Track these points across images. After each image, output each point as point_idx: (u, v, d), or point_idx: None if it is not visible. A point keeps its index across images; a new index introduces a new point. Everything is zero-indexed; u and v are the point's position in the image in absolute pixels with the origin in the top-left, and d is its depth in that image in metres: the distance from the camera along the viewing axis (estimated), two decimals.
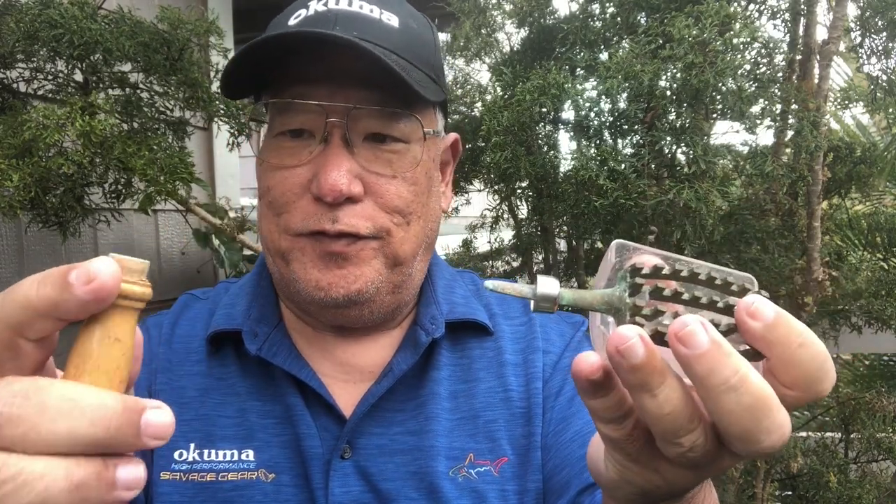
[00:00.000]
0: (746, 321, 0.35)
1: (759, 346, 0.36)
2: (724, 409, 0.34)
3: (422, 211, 0.72)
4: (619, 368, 0.35)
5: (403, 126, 0.69)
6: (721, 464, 0.39)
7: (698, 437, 0.36)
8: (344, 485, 0.68)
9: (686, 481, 0.40)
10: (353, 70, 0.66)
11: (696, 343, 0.33)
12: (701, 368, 0.33)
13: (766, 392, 0.34)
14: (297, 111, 0.68)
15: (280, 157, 0.69)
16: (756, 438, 0.34)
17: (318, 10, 0.68)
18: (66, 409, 0.31)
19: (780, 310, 0.35)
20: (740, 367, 0.33)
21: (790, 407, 0.36)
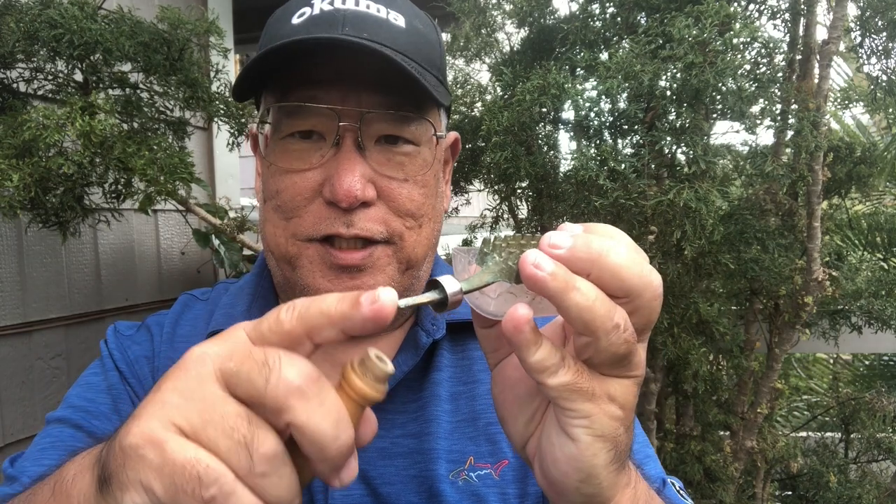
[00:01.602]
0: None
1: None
2: (616, 263, 0.40)
3: (431, 213, 0.72)
4: (543, 283, 0.39)
5: (415, 129, 0.69)
6: (639, 356, 0.44)
7: (622, 313, 0.41)
8: (344, 489, 0.68)
9: (630, 398, 0.44)
10: (364, 72, 0.65)
11: (560, 241, 0.40)
12: (578, 254, 0.40)
13: (632, 245, 0.43)
14: (307, 114, 0.66)
15: (289, 160, 0.68)
16: (646, 280, 0.42)
17: (325, 10, 0.67)
18: (333, 409, 0.37)
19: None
20: (603, 238, 0.42)
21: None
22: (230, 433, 0.35)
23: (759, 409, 1.78)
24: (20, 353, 1.74)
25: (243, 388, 0.36)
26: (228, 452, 0.35)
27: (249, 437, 0.36)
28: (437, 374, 0.74)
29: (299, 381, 0.36)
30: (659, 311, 0.44)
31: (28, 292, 1.75)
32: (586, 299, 0.39)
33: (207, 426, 0.36)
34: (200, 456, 0.35)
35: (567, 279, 0.39)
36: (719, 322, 1.70)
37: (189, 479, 0.35)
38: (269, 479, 0.36)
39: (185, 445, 0.35)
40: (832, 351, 2.05)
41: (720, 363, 1.90)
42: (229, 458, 0.35)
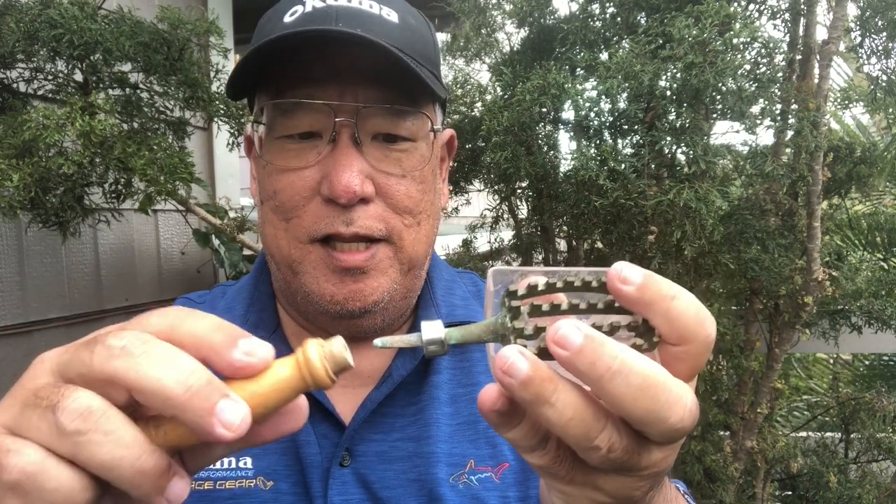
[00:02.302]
0: (620, 288, 0.36)
1: (637, 309, 0.37)
2: (618, 395, 0.34)
3: (430, 209, 0.71)
4: (511, 389, 0.35)
5: (411, 124, 0.68)
6: (651, 458, 0.38)
7: (612, 435, 0.36)
8: (343, 493, 0.67)
9: (630, 489, 0.40)
10: (360, 67, 0.65)
11: (571, 342, 0.34)
12: (583, 364, 0.34)
13: (653, 369, 0.35)
14: (303, 111, 0.65)
15: (286, 159, 0.67)
16: (660, 416, 0.35)
17: (317, 7, 0.66)
18: (165, 358, 0.34)
19: (647, 271, 0.37)
20: (618, 352, 0.34)
21: (688, 370, 0.37)
22: (37, 403, 0.33)
23: (759, 409, 1.78)
24: (20, 353, 1.74)
25: (74, 370, 0.35)
26: (35, 425, 0.33)
27: (56, 399, 0.33)
28: (436, 376, 0.74)
29: (123, 342, 0.34)
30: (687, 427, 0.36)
31: (28, 292, 1.75)
32: (560, 417, 0.35)
33: (24, 411, 0.34)
34: (5, 440, 0.33)
35: (540, 392, 0.35)
36: (719, 322, 1.70)
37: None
38: (91, 437, 0.33)
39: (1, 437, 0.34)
40: (832, 351, 2.05)
41: (720, 363, 1.90)
42: (37, 431, 0.33)
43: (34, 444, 0.33)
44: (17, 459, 0.32)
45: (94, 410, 0.33)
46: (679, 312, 0.36)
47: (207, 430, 0.34)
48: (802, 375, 3.20)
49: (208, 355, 0.36)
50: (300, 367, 0.37)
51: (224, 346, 0.36)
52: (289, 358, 0.38)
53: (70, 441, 0.33)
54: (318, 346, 0.38)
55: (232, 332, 0.37)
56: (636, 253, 1.60)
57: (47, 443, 0.33)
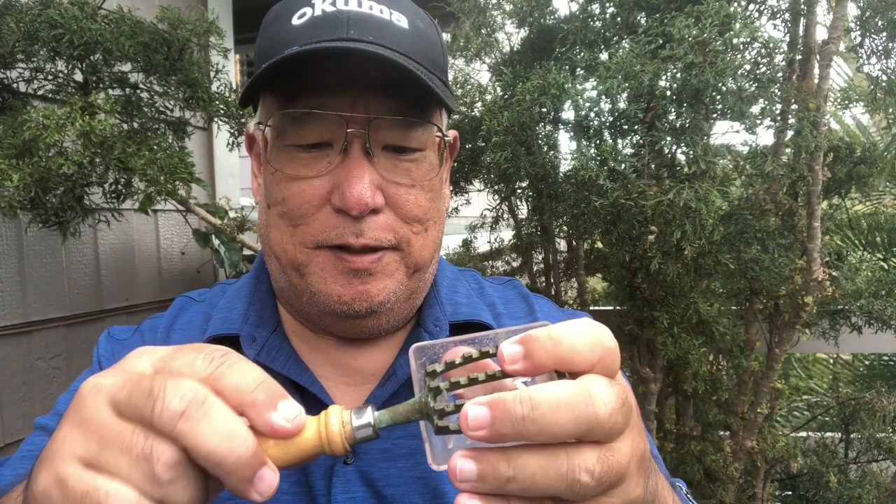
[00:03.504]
0: (510, 370, 0.39)
1: (537, 373, 0.39)
2: (547, 424, 0.36)
3: (436, 216, 0.72)
4: (477, 490, 0.38)
5: (421, 134, 0.68)
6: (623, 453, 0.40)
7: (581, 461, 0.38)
8: (347, 490, 0.67)
9: (632, 492, 0.41)
10: (372, 78, 0.65)
11: (480, 420, 0.37)
12: (503, 426, 0.37)
13: (556, 389, 0.37)
14: (314, 121, 0.65)
15: (296, 168, 0.66)
16: (589, 417, 0.37)
17: (327, 11, 0.65)
18: (221, 427, 0.37)
19: (526, 336, 0.39)
20: (519, 395, 0.37)
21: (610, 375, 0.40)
22: (128, 450, 0.36)
23: (759, 409, 1.78)
24: (20, 353, 1.74)
25: (134, 417, 0.37)
26: (129, 469, 0.36)
27: (148, 450, 0.36)
28: None
29: (182, 406, 0.37)
30: (625, 414, 0.39)
31: (28, 292, 1.75)
32: (530, 478, 0.37)
33: (105, 450, 0.37)
34: (99, 483, 0.36)
35: (497, 476, 0.38)
36: (719, 322, 1.70)
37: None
38: (176, 486, 0.37)
39: (84, 476, 0.36)
40: (832, 351, 2.05)
41: (720, 363, 1.90)
42: (130, 475, 0.36)
43: (132, 487, 0.36)
44: (120, 501, 0.36)
45: (179, 462, 0.37)
46: (570, 351, 0.39)
47: (243, 493, 0.38)
48: (802, 375, 3.20)
49: (248, 412, 0.39)
50: (321, 435, 0.41)
51: (265, 407, 0.39)
52: (311, 422, 0.41)
53: (162, 489, 0.36)
54: (339, 414, 0.41)
55: (274, 393, 0.39)
56: (636, 253, 1.60)
57: (142, 488, 0.36)
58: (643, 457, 0.42)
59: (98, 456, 0.37)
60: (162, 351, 0.41)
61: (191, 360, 0.40)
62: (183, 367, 0.40)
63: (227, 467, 0.37)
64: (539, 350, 0.39)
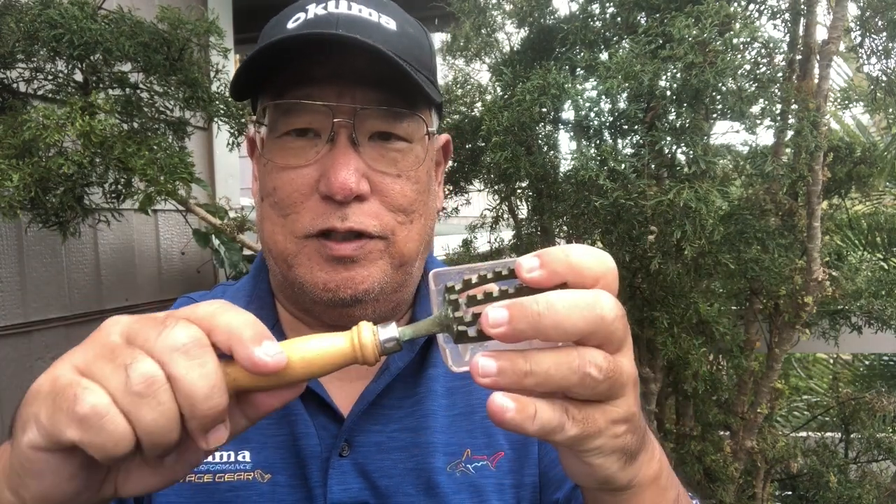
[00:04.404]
0: (529, 278, 0.42)
1: (552, 284, 0.42)
2: (559, 322, 0.40)
3: (423, 209, 0.74)
4: (497, 385, 0.41)
5: (407, 126, 0.71)
6: (623, 365, 0.44)
7: (590, 358, 0.42)
8: (342, 482, 0.69)
9: (631, 407, 0.45)
10: (358, 70, 0.67)
11: (500, 319, 0.40)
12: (520, 324, 0.40)
13: (566, 293, 0.41)
14: (303, 111, 0.68)
15: (285, 157, 0.69)
16: (595, 316, 0.41)
17: (319, 14, 0.68)
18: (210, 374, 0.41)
19: (542, 251, 0.43)
20: (536, 298, 0.41)
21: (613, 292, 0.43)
22: (112, 358, 0.41)
23: (759, 409, 1.78)
24: (20, 353, 1.74)
25: (139, 340, 0.42)
26: (108, 374, 0.40)
27: (129, 360, 0.40)
28: (432, 370, 0.76)
29: (185, 340, 0.41)
30: (624, 328, 0.44)
31: (28, 292, 1.75)
32: (545, 372, 0.41)
33: (98, 360, 0.41)
34: (81, 381, 0.40)
35: (515, 370, 0.41)
36: (719, 322, 1.70)
37: (66, 399, 0.39)
38: (146, 402, 0.39)
39: (72, 375, 0.41)
40: (832, 351, 2.05)
41: (720, 363, 1.90)
42: (108, 379, 0.40)
43: (105, 389, 0.40)
44: (91, 397, 0.39)
45: (156, 378, 0.40)
46: (580, 265, 0.43)
47: (196, 438, 0.42)
48: (802, 375, 3.20)
49: (235, 346, 0.42)
50: (354, 346, 0.45)
51: (251, 342, 0.42)
52: (344, 336, 0.45)
53: (131, 400, 0.39)
54: (371, 326, 0.46)
55: (260, 333, 0.43)
56: (636, 253, 1.60)
57: (114, 393, 0.40)
58: (637, 381, 0.46)
59: (91, 364, 0.41)
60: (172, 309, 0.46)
61: (194, 306, 0.45)
62: (186, 310, 0.44)
63: (198, 409, 0.40)
64: (554, 261, 0.42)
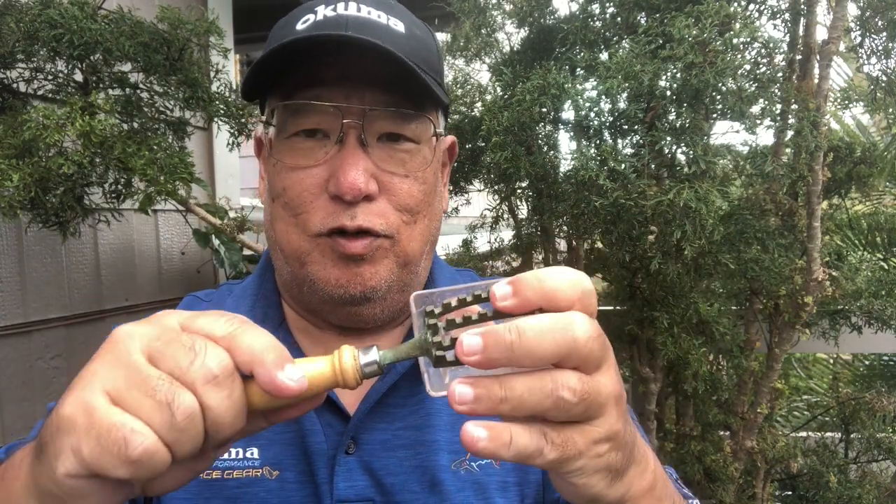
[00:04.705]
0: (502, 307, 0.42)
1: (526, 311, 0.42)
2: (532, 348, 0.40)
3: (428, 210, 0.75)
4: (475, 412, 0.42)
5: (415, 127, 0.72)
6: (602, 384, 0.43)
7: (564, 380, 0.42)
8: (348, 479, 0.70)
9: (616, 424, 0.45)
10: (367, 72, 0.68)
11: (473, 347, 0.40)
12: (494, 352, 0.40)
13: (539, 318, 0.41)
14: (312, 112, 0.69)
15: (295, 158, 0.70)
16: (568, 340, 0.41)
17: (328, 16, 0.69)
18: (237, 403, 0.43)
19: (514, 278, 0.43)
20: (508, 325, 0.41)
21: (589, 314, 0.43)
22: (152, 393, 0.40)
23: (759, 409, 1.78)
24: (20, 353, 1.74)
25: (167, 364, 0.41)
26: (151, 412, 0.40)
27: (171, 397, 0.40)
28: None
29: (217, 371, 0.41)
30: (601, 347, 0.43)
31: (28, 292, 1.75)
32: (519, 398, 0.41)
33: (132, 389, 0.40)
34: (126, 420, 0.39)
35: (491, 396, 0.41)
36: (719, 322, 1.70)
37: (115, 441, 0.39)
38: (186, 435, 0.40)
39: (111, 410, 0.40)
40: (832, 351, 2.05)
41: (720, 363, 1.90)
42: (152, 417, 0.40)
43: (151, 427, 0.40)
44: (143, 440, 0.39)
45: (196, 413, 0.40)
46: (554, 289, 0.42)
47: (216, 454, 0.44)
48: (802, 375, 3.20)
49: (257, 369, 0.43)
50: (335, 370, 0.45)
51: (273, 367, 0.43)
52: (326, 360, 0.46)
53: (174, 435, 0.40)
54: (352, 351, 0.46)
55: (282, 356, 0.43)
56: (636, 253, 1.60)
57: (160, 431, 0.40)
58: (621, 398, 0.46)
59: (125, 394, 0.40)
60: (186, 313, 0.45)
61: (213, 321, 0.44)
62: (205, 326, 0.44)
63: (221, 434, 0.42)
64: (527, 288, 0.42)
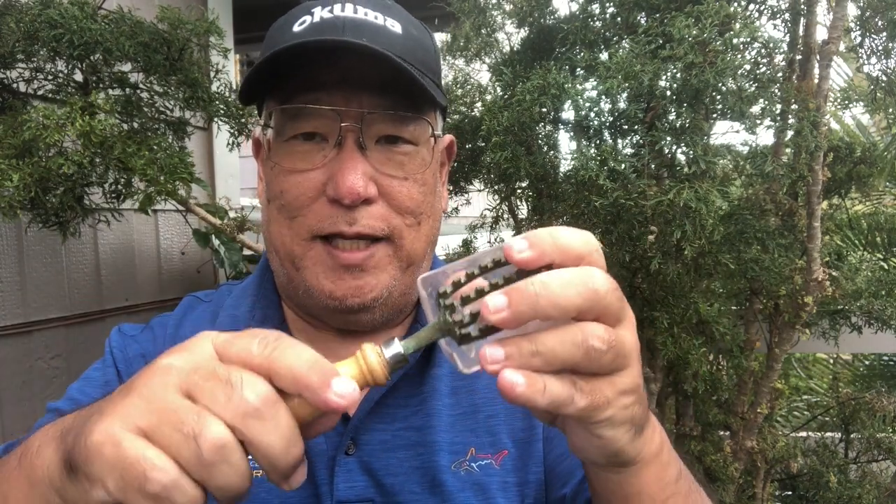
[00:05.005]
0: (519, 259, 0.42)
1: (541, 264, 0.43)
2: (557, 301, 0.41)
3: (430, 211, 0.74)
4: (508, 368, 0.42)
5: (413, 129, 0.71)
6: (625, 336, 0.44)
7: (593, 331, 0.43)
8: (348, 480, 0.70)
9: (637, 378, 0.46)
10: (365, 75, 0.68)
11: (500, 305, 0.41)
12: (520, 307, 0.41)
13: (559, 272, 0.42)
14: (310, 116, 0.68)
15: (293, 161, 0.70)
16: (589, 291, 0.42)
17: (325, 17, 0.69)
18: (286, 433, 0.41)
19: (529, 233, 0.43)
20: (531, 279, 0.41)
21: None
22: (180, 427, 0.39)
23: (759, 409, 1.78)
24: (20, 353, 1.74)
25: (204, 399, 0.40)
26: (178, 446, 0.39)
27: (198, 429, 0.39)
28: (437, 369, 0.76)
29: (258, 403, 0.40)
30: (619, 300, 0.44)
31: (28, 292, 1.75)
32: (551, 351, 0.42)
33: (163, 424, 0.39)
34: (149, 454, 0.39)
35: (522, 352, 0.42)
36: (719, 322, 1.70)
37: (136, 476, 0.38)
38: (218, 468, 0.39)
39: (137, 443, 0.39)
40: (832, 351, 2.05)
41: (720, 363, 1.90)
42: (178, 451, 0.39)
43: (174, 462, 0.39)
44: (162, 476, 0.38)
45: (225, 444, 0.39)
46: (567, 245, 0.43)
47: (278, 483, 0.42)
48: (802, 375, 3.20)
49: (304, 393, 0.41)
50: (362, 370, 0.44)
51: (320, 388, 0.41)
52: (350, 362, 0.45)
53: (204, 468, 0.39)
54: (377, 353, 0.45)
55: (326, 373, 0.42)
56: (636, 253, 1.60)
57: (186, 465, 0.39)
58: (639, 354, 0.47)
59: (156, 429, 0.39)
60: (222, 336, 0.44)
61: (247, 344, 0.42)
62: (241, 351, 0.42)
63: (279, 465, 0.41)
64: (542, 241, 0.43)
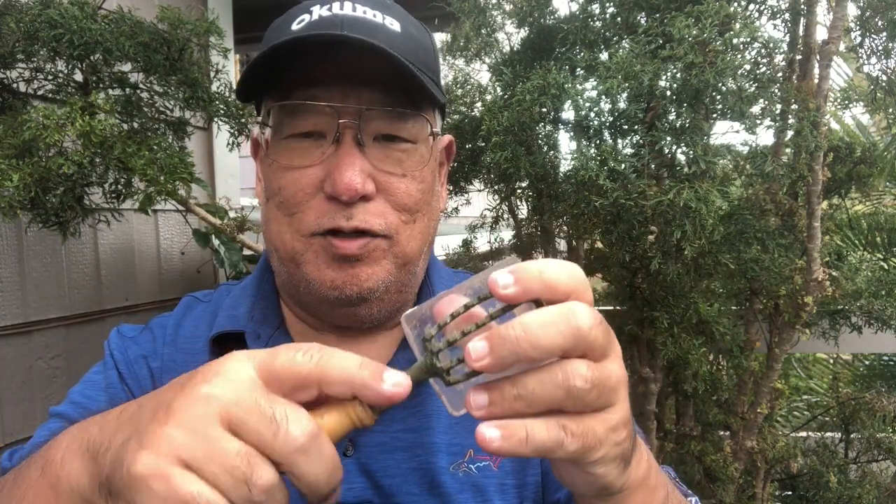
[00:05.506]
0: (503, 294, 0.42)
1: (525, 299, 0.43)
2: (537, 342, 0.40)
3: (426, 209, 0.75)
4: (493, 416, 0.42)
5: (412, 126, 0.71)
6: (610, 369, 0.44)
7: (576, 369, 0.42)
8: (346, 482, 0.69)
9: (626, 412, 0.46)
10: (363, 71, 0.68)
11: (480, 352, 0.41)
12: (501, 353, 0.40)
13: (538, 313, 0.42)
14: (308, 113, 0.68)
15: (291, 157, 0.70)
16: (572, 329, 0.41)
17: (324, 16, 0.68)
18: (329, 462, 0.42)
19: (515, 267, 0.43)
20: (510, 324, 0.41)
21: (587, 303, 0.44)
22: (231, 470, 0.39)
23: (759, 409, 1.78)
24: (20, 353, 1.74)
25: (250, 437, 0.40)
26: (229, 487, 0.39)
27: (249, 473, 0.39)
28: None
29: (303, 440, 0.41)
30: (605, 334, 0.44)
31: (28, 292, 1.75)
32: (532, 395, 0.41)
33: (210, 462, 0.40)
34: (203, 490, 0.39)
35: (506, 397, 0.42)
36: (719, 322, 1.70)
37: None
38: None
39: (188, 479, 0.39)
40: (832, 351, 2.05)
41: (720, 363, 1.90)
42: (229, 492, 0.39)
43: (229, 501, 0.40)
44: None
45: (274, 485, 0.40)
46: (554, 281, 0.43)
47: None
48: (802, 375, 3.20)
49: (360, 391, 0.43)
50: (352, 419, 0.45)
51: (374, 382, 0.42)
52: (339, 410, 0.45)
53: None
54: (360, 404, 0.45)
55: (376, 368, 0.43)
56: (636, 253, 1.60)
57: (235, 502, 0.40)
58: (626, 383, 0.46)
59: (203, 465, 0.40)
60: (260, 354, 0.44)
61: (292, 358, 0.43)
62: (287, 364, 0.42)
63: (321, 493, 0.42)
64: (528, 277, 0.42)
